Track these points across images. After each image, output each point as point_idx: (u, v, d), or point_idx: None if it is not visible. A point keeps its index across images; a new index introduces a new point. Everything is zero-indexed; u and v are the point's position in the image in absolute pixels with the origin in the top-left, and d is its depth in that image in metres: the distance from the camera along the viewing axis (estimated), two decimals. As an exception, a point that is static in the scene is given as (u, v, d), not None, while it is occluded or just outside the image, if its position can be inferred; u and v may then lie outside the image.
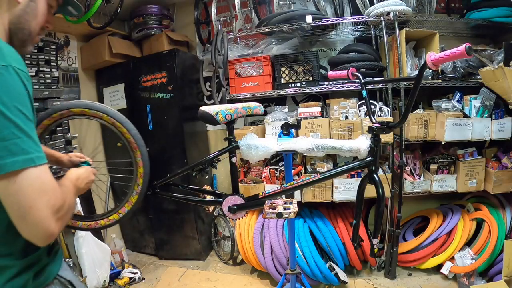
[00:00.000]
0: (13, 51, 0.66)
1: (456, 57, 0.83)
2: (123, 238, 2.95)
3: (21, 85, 0.63)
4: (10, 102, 0.59)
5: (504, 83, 1.85)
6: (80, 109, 1.09)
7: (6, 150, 0.58)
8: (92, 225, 1.20)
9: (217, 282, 2.42)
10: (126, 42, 2.80)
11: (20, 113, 0.61)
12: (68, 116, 1.10)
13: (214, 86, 2.58)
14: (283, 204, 1.09)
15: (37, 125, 1.06)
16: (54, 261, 0.80)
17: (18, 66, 0.63)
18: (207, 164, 1.20)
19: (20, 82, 0.62)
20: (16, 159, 0.59)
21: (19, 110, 0.61)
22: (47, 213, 0.61)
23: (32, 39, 0.77)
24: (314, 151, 1.12)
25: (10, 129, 0.59)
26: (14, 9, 0.72)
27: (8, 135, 0.58)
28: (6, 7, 0.72)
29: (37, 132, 0.68)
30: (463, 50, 0.79)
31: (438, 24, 2.33)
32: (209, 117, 1.16)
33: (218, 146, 3.09)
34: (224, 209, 1.21)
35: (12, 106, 0.60)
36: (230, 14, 2.71)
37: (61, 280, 0.79)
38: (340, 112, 2.22)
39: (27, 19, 0.74)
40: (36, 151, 0.62)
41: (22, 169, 0.59)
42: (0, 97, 0.58)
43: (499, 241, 2.02)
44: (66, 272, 0.83)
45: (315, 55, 2.34)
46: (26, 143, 0.61)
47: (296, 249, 2.03)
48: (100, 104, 1.11)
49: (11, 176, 0.58)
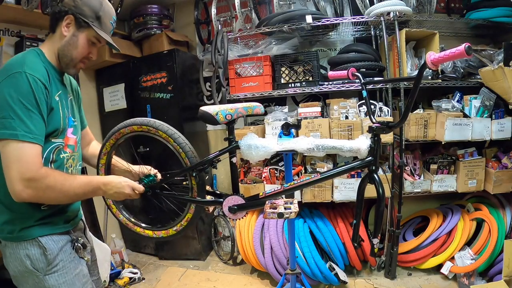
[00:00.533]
0: (34, 63, 0.94)
1: (455, 56, 0.83)
2: (123, 238, 2.95)
3: (28, 86, 0.89)
4: (16, 96, 0.87)
5: (504, 83, 1.85)
6: (166, 135, 1.19)
7: (1, 124, 0.86)
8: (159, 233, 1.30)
9: (217, 282, 2.42)
10: (126, 42, 2.80)
11: (20, 104, 0.87)
12: (154, 134, 1.21)
13: (214, 86, 2.58)
14: (283, 204, 1.09)
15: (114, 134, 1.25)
16: (41, 227, 0.98)
17: (30, 73, 0.89)
18: (207, 164, 1.20)
19: (28, 83, 0.89)
20: (5, 132, 0.86)
21: (20, 102, 0.87)
22: (15, 176, 0.86)
23: (74, 64, 1.05)
24: (315, 151, 1.12)
25: (9, 112, 0.86)
26: (62, 41, 1.01)
27: (6, 115, 0.86)
28: (57, 38, 1.02)
29: (124, 130, 1.20)
30: (463, 50, 0.79)
31: (438, 24, 2.33)
32: (209, 117, 1.15)
33: (218, 146, 3.09)
34: (225, 209, 1.21)
35: (16, 98, 0.87)
36: (230, 14, 2.71)
37: (39, 244, 0.97)
38: (340, 112, 2.22)
39: (69, 49, 1.02)
40: (23, 131, 0.86)
41: (7, 139, 0.86)
42: (9, 92, 0.87)
43: (499, 241, 2.02)
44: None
45: (315, 55, 2.34)
46: (17, 123, 0.86)
47: (296, 249, 2.03)
48: (187, 144, 1.18)
49: (1, 141, 0.87)
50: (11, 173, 0.86)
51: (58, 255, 0.99)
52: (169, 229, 1.29)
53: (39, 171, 0.89)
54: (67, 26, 1.00)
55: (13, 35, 2.18)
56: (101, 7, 1.03)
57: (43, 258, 0.96)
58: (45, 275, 0.96)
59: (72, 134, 1.10)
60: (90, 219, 2.49)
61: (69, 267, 1.01)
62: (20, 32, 2.21)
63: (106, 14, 1.04)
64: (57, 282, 0.98)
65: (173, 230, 1.28)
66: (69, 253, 1.03)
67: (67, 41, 1.01)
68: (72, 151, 1.10)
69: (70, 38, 1.01)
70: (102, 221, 2.80)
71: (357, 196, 1.16)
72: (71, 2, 0.99)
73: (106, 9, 1.04)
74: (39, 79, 0.90)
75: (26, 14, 2.00)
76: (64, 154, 1.05)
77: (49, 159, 0.99)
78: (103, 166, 1.32)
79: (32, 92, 0.88)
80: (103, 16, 1.03)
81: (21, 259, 0.95)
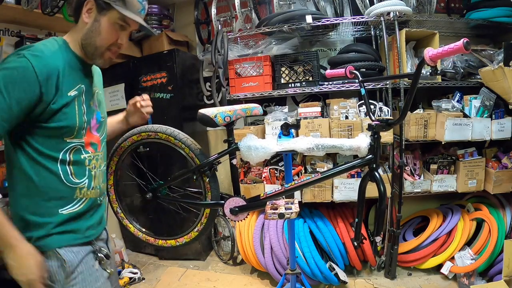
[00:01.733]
0: (43, 51, 0.84)
1: (454, 52, 0.83)
2: (123, 238, 2.94)
3: (14, 68, 0.80)
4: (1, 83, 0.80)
5: (504, 83, 1.85)
6: (166, 135, 1.20)
7: None
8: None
9: (217, 282, 2.42)
10: (126, 42, 2.80)
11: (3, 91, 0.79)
12: (154, 138, 1.22)
13: (214, 86, 2.58)
14: (284, 204, 1.09)
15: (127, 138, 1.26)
16: (60, 235, 0.90)
17: (30, 59, 0.80)
18: (208, 167, 1.20)
19: (17, 65, 0.80)
20: None
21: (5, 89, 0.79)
22: None
23: (100, 54, 0.95)
24: (314, 150, 1.12)
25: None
26: (83, 28, 0.92)
27: None
28: (80, 27, 0.93)
29: (124, 144, 1.23)
30: (461, 45, 0.79)
31: (438, 24, 2.33)
32: (208, 120, 1.16)
33: (218, 146, 3.09)
34: (226, 211, 1.21)
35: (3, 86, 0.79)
36: (230, 14, 2.71)
37: (57, 256, 0.89)
38: (340, 112, 2.22)
39: (92, 36, 0.92)
40: None
41: None
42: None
43: (499, 241, 2.02)
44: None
45: (315, 55, 2.34)
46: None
47: (296, 249, 2.03)
48: (188, 138, 1.21)
49: None
50: None
51: (78, 267, 0.91)
52: (190, 232, 1.30)
53: None
54: (88, 12, 0.91)
55: (13, 35, 2.18)
56: None
57: (61, 270, 0.88)
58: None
59: (96, 131, 1.00)
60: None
61: (89, 280, 0.93)
62: (20, 32, 2.21)
63: None
64: None
65: (195, 231, 1.29)
66: (90, 265, 0.94)
67: (89, 28, 0.91)
68: (94, 151, 0.99)
69: (92, 24, 0.91)
70: (102, 221, 2.80)
71: (358, 195, 1.16)
72: None
73: None
74: (36, 67, 0.80)
75: (26, 14, 2.00)
76: (86, 155, 0.95)
77: (66, 161, 0.90)
78: (112, 187, 1.34)
79: (12, 75, 0.79)
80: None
81: None
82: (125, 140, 1.25)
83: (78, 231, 0.94)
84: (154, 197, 1.29)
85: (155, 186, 1.29)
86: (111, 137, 1.19)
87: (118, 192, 1.35)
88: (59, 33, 2.49)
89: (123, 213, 1.37)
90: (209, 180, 1.20)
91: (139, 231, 1.37)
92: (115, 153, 1.28)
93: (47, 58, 0.84)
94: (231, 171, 1.25)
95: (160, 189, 1.29)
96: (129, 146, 1.26)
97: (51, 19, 2.04)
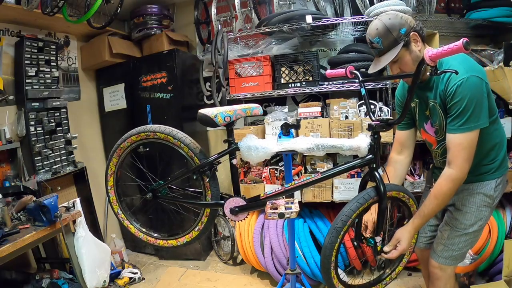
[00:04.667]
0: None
1: (453, 52, 0.83)
2: (123, 238, 2.95)
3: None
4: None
5: (504, 83, 1.85)
6: (164, 135, 1.19)
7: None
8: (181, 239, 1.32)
9: (217, 282, 2.42)
10: (126, 42, 2.80)
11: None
12: (153, 138, 1.21)
13: (214, 86, 2.58)
14: (284, 204, 1.09)
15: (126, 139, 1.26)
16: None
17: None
18: (208, 167, 1.20)
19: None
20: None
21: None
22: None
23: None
24: (314, 150, 1.12)
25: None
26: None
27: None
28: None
29: (124, 145, 1.24)
30: (461, 45, 0.79)
31: (438, 24, 2.33)
32: (208, 120, 1.15)
33: (218, 146, 3.09)
34: (226, 211, 1.21)
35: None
36: (230, 14, 2.71)
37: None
38: (340, 112, 2.22)
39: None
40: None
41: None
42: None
43: (499, 241, 2.01)
44: None
45: (315, 55, 2.34)
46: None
47: (296, 249, 2.03)
48: (186, 138, 1.20)
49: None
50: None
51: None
52: (191, 232, 1.29)
53: None
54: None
55: (13, 35, 2.18)
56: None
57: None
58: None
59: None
60: (90, 219, 2.50)
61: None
62: (20, 32, 2.21)
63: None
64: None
65: (196, 231, 1.28)
66: None
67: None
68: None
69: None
70: (102, 221, 2.80)
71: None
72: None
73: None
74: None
75: (26, 14, 2.00)
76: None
77: None
78: (112, 188, 1.34)
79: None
80: None
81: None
82: (124, 141, 1.25)
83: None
84: (154, 197, 1.29)
85: (155, 186, 1.29)
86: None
87: (118, 193, 1.35)
88: (59, 33, 2.50)
89: (123, 214, 1.37)
90: (209, 180, 1.20)
91: (140, 232, 1.37)
92: (114, 154, 1.28)
93: None
94: (231, 171, 1.25)
95: (160, 189, 1.29)
96: (129, 146, 1.26)
97: (51, 19, 2.05)
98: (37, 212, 1.67)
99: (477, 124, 1.08)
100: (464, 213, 1.25)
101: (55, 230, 1.74)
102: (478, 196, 1.23)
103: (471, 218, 1.24)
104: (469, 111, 1.07)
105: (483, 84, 1.08)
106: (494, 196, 1.24)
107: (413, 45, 1.14)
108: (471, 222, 1.24)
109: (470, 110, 1.06)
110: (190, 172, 1.21)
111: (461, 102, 1.07)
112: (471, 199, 1.23)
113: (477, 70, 1.10)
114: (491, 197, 1.24)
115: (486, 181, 1.24)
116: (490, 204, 1.24)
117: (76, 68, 2.72)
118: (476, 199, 1.23)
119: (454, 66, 1.03)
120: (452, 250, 1.27)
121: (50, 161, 2.22)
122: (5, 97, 2.12)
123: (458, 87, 1.06)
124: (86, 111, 2.84)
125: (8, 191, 1.86)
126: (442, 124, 1.20)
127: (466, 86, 1.05)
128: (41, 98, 2.20)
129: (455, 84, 1.07)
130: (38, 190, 1.99)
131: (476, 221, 1.24)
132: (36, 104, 2.17)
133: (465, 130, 1.09)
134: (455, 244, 1.27)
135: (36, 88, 2.18)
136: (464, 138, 1.09)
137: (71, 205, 1.91)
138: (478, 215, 1.24)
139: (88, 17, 2.05)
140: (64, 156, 2.35)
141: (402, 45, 1.12)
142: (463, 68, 1.06)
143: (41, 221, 1.67)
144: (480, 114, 1.08)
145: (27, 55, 2.11)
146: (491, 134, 1.19)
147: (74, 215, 1.88)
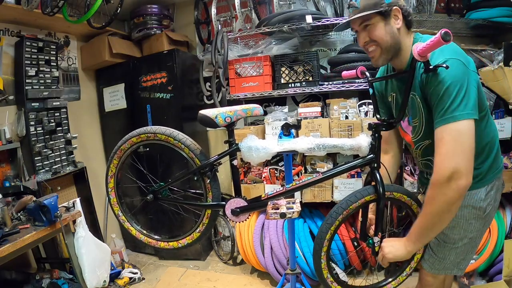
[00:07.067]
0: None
1: (435, 44, 0.84)
2: (123, 238, 2.94)
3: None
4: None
5: (504, 83, 1.85)
6: (165, 136, 1.19)
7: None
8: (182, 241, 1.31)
9: (217, 282, 2.42)
10: (126, 42, 2.80)
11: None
12: (154, 139, 1.21)
13: (214, 86, 2.58)
14: (286, 204, 1.10)
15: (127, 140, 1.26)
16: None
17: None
18: (209, 168, 1.19)
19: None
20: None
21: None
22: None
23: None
24: (316, 150, 1.12)
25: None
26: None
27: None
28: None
29: (124, 146, 1.23)
30: (439, 37, 0.81)
31: (438, 24, 2.32)
32: (209, 120, 1.15)
33: (218, 146, 3.09)
34: (227, 212, 1.20)
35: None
36: (230, 14, 2.71)
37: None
38: (340, 112, 2.23)
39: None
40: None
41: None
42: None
43: (499, 241, 2.01)
44: None
45: (315, 55, 2.34)
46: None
47: (296, 249, 2.03)
48: (187, 139, 1.20)
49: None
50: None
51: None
52: (192, 233, 1.29)
53: None
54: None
55: (13, 35, 2.18)
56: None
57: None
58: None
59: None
60: (90, 219, 2.50)
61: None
62: (20, 32, 2.21)
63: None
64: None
65: (197, 232, 1.28)
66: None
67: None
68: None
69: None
70: (102, 221, 2.80)
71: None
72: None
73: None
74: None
75: (26, 14, 2.00)
76: None
77: None
78: (113, 190, 1.33)
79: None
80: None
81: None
82: (124, 142, 1.25)
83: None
84: (155, 199, 1.29)
85: (155, 188, 1.28)
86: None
87: (118, 195, 1.35)
88: (59, 33, 2.50)
89: (124, 216, 1.37)
90: (210, 181, 1.20)
91: (140, 234, 1.37)
92: (115, 156, 1.27)
93: None
94: (231, 172, 1.24)
95: (161, 190, 1.29)
96: (129, 148, 1.26)
97: (51, 19, 2.05)
98: (37, 212, 1.67)
99: (464, 112, 0.90)
100: (452, 227, 1.10)
101: (55, 230, 1.74)
102: (466, 209, 1.09)
103: (460, 232, 1.12)
104: (452, 96, 0.90)
105: (467, 71, 0.93)
106: (485, 206, 1.10)
107: (393, 20, 1.03)
108: (459, 236, 1.12)
109: (453, 94, 0.90)
110: (191, 173, 1.21)
111: (441, 85, 0.92)
112: (458, 212, 1.06)
113: (460, 55, 0.96)
114: (481, 209, 1.10)
115: (474, 190, 1.08)
116: (480, 216, 1.11)
117: (76, 68, 2.72)
118: (464, 212, 1.09)
119: (436, 55, 0.95)
120: (444, 263, 1.18)
121: (50, 161, 2.22)
122: (5, 97, 2.12)
123: (436, 70, 0.93)
124: (86, 111, 2.84)
125: (8, 191, 1.85)
126: (422, 121, 1.07)
127: (446, 69, 0.90)
128: (41, 98, 2.19)
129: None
130: (38, 190, 1.99)
131: (466, 235, 1.12)
132: (36, 104, 2.16)
133: (449, 120, 0.91)
134: (446, 258, 1.16)
135: (36, 88, 2.18)
136: (450, 129, 0.91)
137: (71, 205, 1.91)
138: (467, 228, 1.11)
139: (88, 17, 2.05)
140: (64, 156, 2.34)
141: (380, 12, 1.01)
142: (444, 54, 0.95)
143: (41, 221, 1.67)
144: (468, 102, 0.90)
145: (27, 55, 2.11)
146: (481, 132, 1.04)
147: (74, 215, 1.88)
